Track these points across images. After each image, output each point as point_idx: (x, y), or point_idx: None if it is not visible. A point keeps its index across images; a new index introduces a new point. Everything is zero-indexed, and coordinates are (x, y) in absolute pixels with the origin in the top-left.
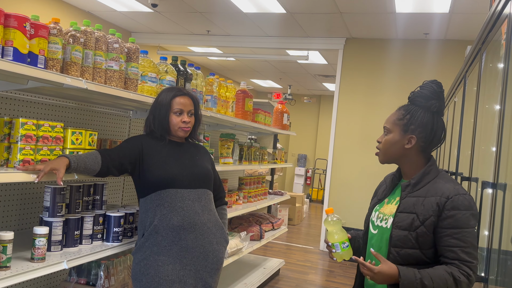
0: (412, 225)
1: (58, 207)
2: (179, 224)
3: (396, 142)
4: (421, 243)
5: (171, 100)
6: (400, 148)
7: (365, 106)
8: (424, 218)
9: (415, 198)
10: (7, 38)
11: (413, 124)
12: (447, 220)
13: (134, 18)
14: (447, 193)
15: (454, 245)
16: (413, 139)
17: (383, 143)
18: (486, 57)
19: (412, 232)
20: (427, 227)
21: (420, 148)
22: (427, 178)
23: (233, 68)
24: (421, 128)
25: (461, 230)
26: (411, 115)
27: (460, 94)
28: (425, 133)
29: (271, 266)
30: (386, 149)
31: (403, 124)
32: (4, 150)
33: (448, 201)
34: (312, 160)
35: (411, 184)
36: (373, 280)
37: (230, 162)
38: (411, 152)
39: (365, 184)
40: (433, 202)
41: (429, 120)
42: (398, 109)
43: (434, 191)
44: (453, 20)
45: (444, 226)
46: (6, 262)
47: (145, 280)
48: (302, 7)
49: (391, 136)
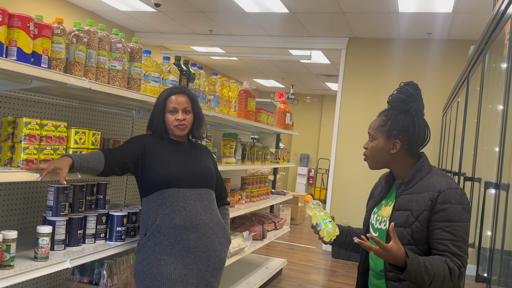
0: (407, 221)
1: (61, 206)
2: (181, 223)
3: (381, 148)
4: (416, 238)
5: (165, 99)
6: (386, 154)
7: (368, 106)
8: (418, 214)
9: (409, 195)
10: (11, 38)
11: (395, 129)
12: (439, 214)
13: (137, 17)
14: (439, 187)
15: (445, 238)
16: (397, 144)
17: (369, 150)
18: (489, 57)
19: (407, 229)
20: (421, 222)
21: (406, 151)
22: (420, 175)
23: (235, 68)
24: (404, 132)
25: (452, 223)
26: (392, 121)
27: (463, 94)
28: (408, 136)
29: (273, 266)
30: (373, 156)
31: (385, 130)
32: (7, 150)
33: (440, 195)
34: (315, 159)
35: (404, 182)
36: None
37: (232, 161)
38: (398, 155)
39: (367, 184)
40: (426, 197)
41: (410, 123)
42: (379, 115)
43: (427, 187)
44: (456, 20)
45: (435, 219)
46: (10, 261)
47: (148, 279)
48: (305, 7)
49: (375, 143)
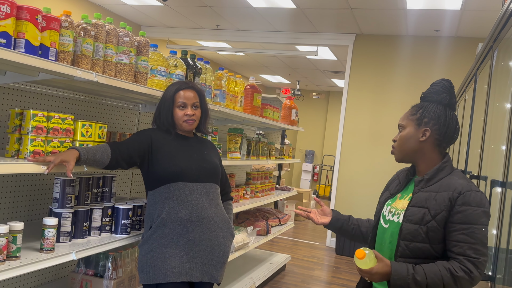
0: (423, 219)
1: (67, 199)
2: (187, 217)
3: (411, 136)
4: (431, 237)
5: (174, 94)
6: (415, 142)
7: (374, 102)
8: (435, 213)
9: (428, 193)
10: (19, 30)
11: (426, 117)
12: (457, 215)
13: (144, 11)
14: (460, 189)
15: (462, 241)
16: (427, 132)
17: (398, 140)
18: (497, 55)
19: (422, 226)
20: (438, 222)
21: (435, 142)
22: (441, 174)
23: (242, 63)
24: (434, 120)
25: (471, 226)
26: (423, 110)
27: (470, 92)
28: (439, 125)
29: (277, 261)
30: (402, 145)
31: (416, 118)
32: (15, 142)
33: (460, 196)
34: (320, 156)
35: (424, 179)
36: (371, 280)
37: (238, 157)
38: (426, 146)
39: (372, 181)
40: (445, 197)
41: (441, 113)
42: (411, 107)
43: (447, 187)
44: (465, 17)
45: (454, 221)
46: (16, 252)
47: (152, 271)
48: (312, 3)
49: (405, 131)
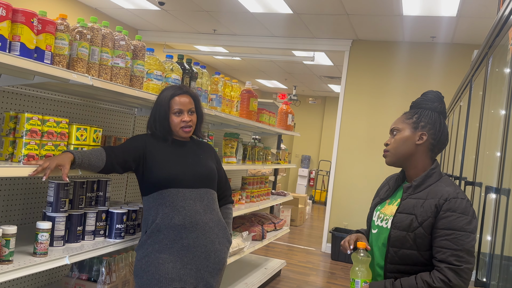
0: (411, 226)
1: (61, 203)
2: (181, 223)
3: (408, 138)
4: (419, 244)
5: (169, 100)
6: (411, 145)
7: (370, 108)
8: (422, 220)
9: (416, 200)
10: (15, 33)
11: (422, 121)
12: (442, 221)
13: (141, 16)
14: (446, 195)
15: (445, 246)
16: (424, 136)
17: (393, 143)
18: (492, 62)
19: (410, 233)
20: (425, 229)
21: (429, 146)
22: (429, 181)
23: (238, 68)
24: (431, 125)
25: (454, 232)
26: (419, 114)
27: (465, 98)
28: (435, 130)
29: (272, 267)
30: (397, 148)
31: (413, 122)
32: (9, 145)
33: (446, 203)
34: (316, 161)
35: (412, 186)
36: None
37: (233, 161)
38: (421, 150)
39: (368, 186)
40: (432, 204)
41: (436, 119)
42: (403, 114)
43: (435, 194)
44: (460, 24)
45: (438, 226)
46: (9, 256)
47: (146, 277)
48: (309, 8)
49: (401, 134)
